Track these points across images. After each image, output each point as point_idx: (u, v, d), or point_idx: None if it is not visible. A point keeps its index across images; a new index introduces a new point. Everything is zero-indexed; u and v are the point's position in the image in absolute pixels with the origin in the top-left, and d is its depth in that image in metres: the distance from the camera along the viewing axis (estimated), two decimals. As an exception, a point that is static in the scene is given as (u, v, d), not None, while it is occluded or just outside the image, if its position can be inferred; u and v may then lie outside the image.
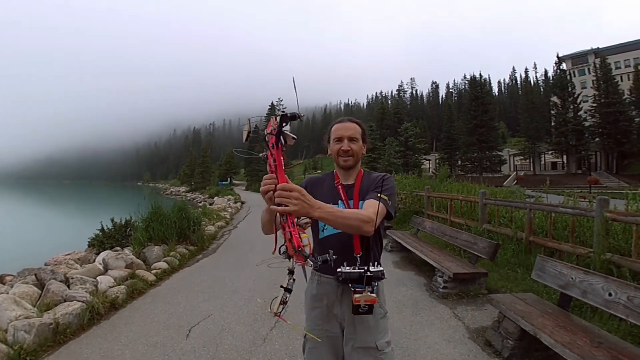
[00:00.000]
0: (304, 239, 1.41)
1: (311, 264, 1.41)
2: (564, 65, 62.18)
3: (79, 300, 4.96)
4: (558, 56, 60.39)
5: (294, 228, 1.40)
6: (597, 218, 5.39)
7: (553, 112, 54.97)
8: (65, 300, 4.97)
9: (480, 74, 70.12)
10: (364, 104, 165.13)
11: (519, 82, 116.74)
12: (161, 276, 7.22)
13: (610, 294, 3.22)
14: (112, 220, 10.34)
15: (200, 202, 33.83)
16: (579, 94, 52.82)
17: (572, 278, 3.69)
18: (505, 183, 40.33)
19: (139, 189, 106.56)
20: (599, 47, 61.54)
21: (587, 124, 50.88)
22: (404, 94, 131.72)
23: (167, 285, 6.84)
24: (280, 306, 1.59)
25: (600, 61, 51.65)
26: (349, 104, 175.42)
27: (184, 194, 62.70)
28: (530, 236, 7.08)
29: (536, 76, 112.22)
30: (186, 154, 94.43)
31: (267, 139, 1.46)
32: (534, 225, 7.22)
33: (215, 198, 35.87)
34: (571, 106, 51.60)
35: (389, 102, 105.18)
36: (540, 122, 57.70)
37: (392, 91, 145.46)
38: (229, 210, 21.28)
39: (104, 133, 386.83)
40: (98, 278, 6.07)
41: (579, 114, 51.14)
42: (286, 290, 1.58)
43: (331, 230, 1.99)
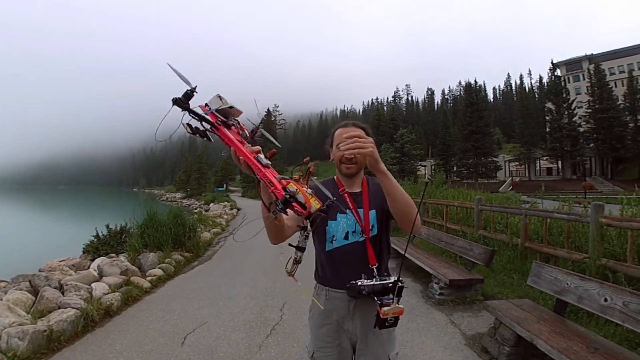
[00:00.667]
0: (291, 187, 1.22)
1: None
2: (559, 72, 62.60)
3: (73, 307, 4.93)
4: (552, 62, 60.93)
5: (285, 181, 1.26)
6: (592, 223, 5.41)
7: (548, 118, 55.20)
8: (59, 307, 4.94)
9: (475, 81, 70.75)
10: (359, 109, 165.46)
11: (514, 89, 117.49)
12: (156, 283, 7.19)
13: (605, 300, 3.22)
14: (107, 226, 10.31)
15: (196, 209, 33.73)
16: (574, 100, 53.21)
17: (568, 284, 3.69)
18: (500, 189, 40.42)
19: (134, 194, 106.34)
20: (592, 54, 61.98)
21: (582, 130, 51.18)
22: (400, 100, 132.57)
23: (162, 292, 6.81)
24: (295, 265, 1.57)
25: (594, 67, 52.01)
26: (344, 109, 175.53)
27: (179, 200, 62.52)
28: (525, 242, 7.10)
29: (531, 82, 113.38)
30: (182, 160, 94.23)
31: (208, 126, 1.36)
32: (530, 231, 7.24)
33: (211, 204, 35.75)
34: (566, 112, 51.89)
35: (385, 108, 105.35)
36: (535, 128, 58.00)
37: (388, 97, 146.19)
38: (225, 216, 21.23)
39: (99, 138, 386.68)
40: (92, 285, 6.03)
41: (574, 119, 51.43)
42: (298, 248, 1.54)
43: (341, 241, 1.91)
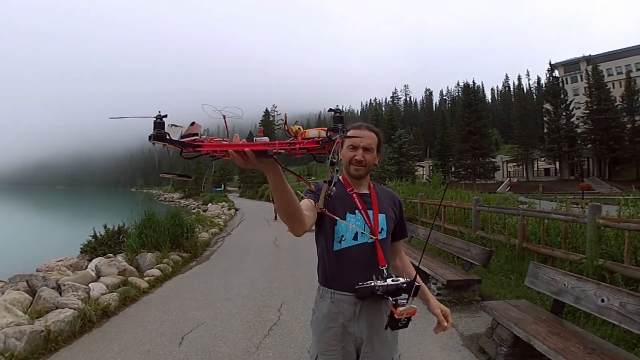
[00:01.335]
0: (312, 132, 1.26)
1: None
2: (557, 73, 62.78)
3: (70, 308, 4.92)
4: (550, 63, 61.01)
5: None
6: (590, 224, 5.42)
7: (546, 119, 55.38)
8: (56, 307, 4.92)
9: (473, 81, 70.99)
10: (358, 110, 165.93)
11: (512, 89, 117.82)
12: (154, 283, 7.17)
13: (602, 300, 3.23)
14: (105, 226, 10.29)
15: (194, 209, 33.72)
16: (571, 101, 53.39)
17: (565, 284, 3.70)
18: (498, 189, 40.48)
19: (132, 195, 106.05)
20: (590, 55, 62.14)
21: (580, 131, 51.36)
22: (398, 100, 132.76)
23: (160, 292, 6.80)
24: (327, 200, 1.54)
25: (592, 68, 52.22)
26: (343, 110, 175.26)
27: (177, 200, 62.43)
28: (523, 243, 7.10)
29: (529, 83, 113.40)
30: (180, 160, 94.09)
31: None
32: (527, 232, 7.25)
33: (209, 205, 35.73)
34: (564, 113, 52.08)
35: (383, 109, 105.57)
36: (533, 129, 58.16)
37: (386, 98, 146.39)
38: (223, 217, 21.20)
39: (96, 138, 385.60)
40: (90, 285, 6.01)
41: (572, 120, 51.62)
42: (330, 183, 1.49)
43: (350, 242, 1.88)
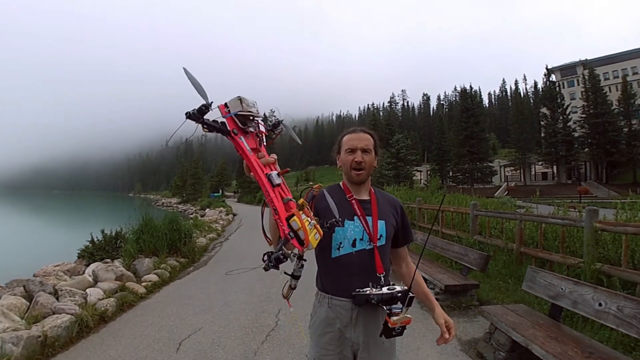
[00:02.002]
0: (294, 223, 1.23)
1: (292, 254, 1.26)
2: (553, 77, 62.88)
3: (67, 313, 4.90)
4: (547, 68, 61.07)
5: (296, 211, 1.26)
6: (587, 228, 5.43)
7: (543, 123, 55.50)
8: (53, 313, 4.91)
9: (470, 86, 70.91)
10: (355, 115, 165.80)
11: (509, 94, 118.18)
12: (151, 289, 7.15)
13: (600, 304, 3.24)
14: (102, 231, 10.25)
15: (192, 214, 33.66)
16: (568, 105, 53.53)
17: (562, 289, 3.71)
18: (496, 194, 40.58)
19: (130, 199, 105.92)
20: (587, 59, 62.36)
21: (577, 135, 51.46)
22: (396, 105, 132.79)
23: (158, 297, 6.78)
24: (290, 291, 1.57)
25: (588, 72, 52.42)
26: (340, 115, 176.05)
27: (175, 205, 62.35)
28: (521, 247, 7.11)
29: (526, 88, 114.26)
30: (178, 165, 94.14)
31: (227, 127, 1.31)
32: (525, 236, 7.26)
33: (207, 210, 35.67)
34: (560, 117, 52.25)
35: (381, 114, 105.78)
36: (530, 133, 58.26)
37: (384, 102, 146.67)
38: (221, 222, 21.17)
39: (94, 143, 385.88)
40: (87, 290, 6.00)
41: (569, 124, 51.76)
42: (293, 277, 1.52)
43: (348, 248, 1.89)
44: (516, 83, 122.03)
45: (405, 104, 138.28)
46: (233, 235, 16.03)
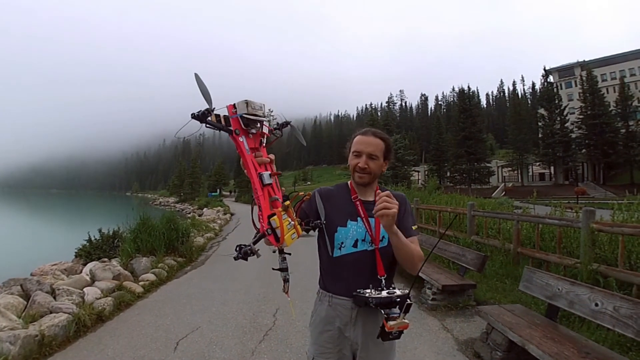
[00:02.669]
0: (273, 222, 1.38)
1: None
2: (551, 78, 63.05)
3: (65, 312, 4.90)
4: (545, 69, 61.22)
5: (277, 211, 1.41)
6: (584, 229, 5.45)
7: (540, 124, 55.62)
8: (51, 312, 4.90)
9: (468, 87, 71.21)
10: (354, 115, 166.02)
11: (506, 95, 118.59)
12: (149, 288, 7.14)
13: (596, 304, 3.25)
14: (100, 230, 10.25)
15: (189, 213, 33.64)
16: (566, 106, 53.71)
17: (559, 289, 3.72)
18: (493, 194, 40.59)
19: (127, 199, 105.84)
20: (584, 60, 62.57)
21: (574, 136, 51.61)
22: (394, 105, 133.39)
23: (155, 297, 6.77)
24: (286, 284, 1.60)
25: (586, 74, 52.57)
26: (339, 115, 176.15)
27: (173, 204, 62.28)
28: (518, 247, 7.13)
29: (524, 89, 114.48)
30: (175, 164, 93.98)
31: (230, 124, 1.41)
32: (522, 237, 7.28)
33: (205, 209, 35.65)
34: (558, 118, 52.36)
35: (379, 114, 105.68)
36: (528, 134, 58.37)
37: (382, 103, 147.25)
38: (218, 221, 21.16)
39: (91, 142, 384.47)
40: (85, 289, 5.99)
41: (566, 125, 51.87)
42: (281, 270, 1.56)
43: (349, 249, 1.88)
44: (514, 84, 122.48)
45: (403, 104, 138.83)
46: (230, 235, 16.01)
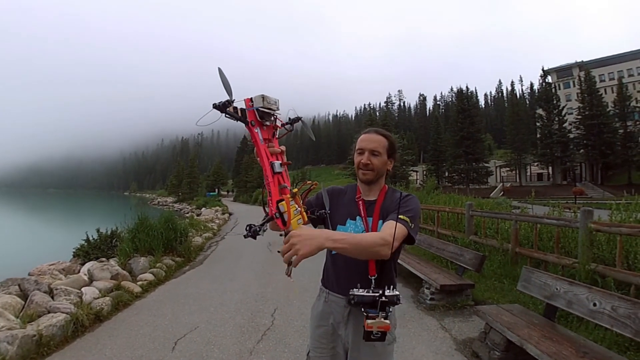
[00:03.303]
0: (281, 206, 1.48)
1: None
2: (549, 78, 63.19)
3: (63, 312, 4.89)
4: (543, 69, 61.40)
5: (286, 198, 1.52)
6: (582, 229, 5.46)
7: (538, 124, 55.77)
8: (49, 312, 4.89)
9: (467, 87, 71.35)
10: (352, 115, 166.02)
11: (505, 95, 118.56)
12: (147, 288, 7.14)
13: (594, 304, 3.25)
14: (98, 230, 10.23)
15: (188, 213, 33.63)
16: (564, 107, 53.87)
17: (557, 289, 3.72)
18: (491, 194, 40.64)
19: (125, 198, 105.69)
20: (583, 61, 62.70)
21: (572, 136, 51.74)
22: (392, 105, 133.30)
23: (153, 297, 6.77)
24: (289, 267, 1.51)
25: (584, 74, 52.68)
26: (337, 115, 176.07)
27: (171, 204, 62.22)
28: (516, 247, 7.14)
29: (522, 89, 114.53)
30: (174, 164, 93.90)
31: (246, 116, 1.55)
32: (520, 237, 7.28)
33: (203, 209, 35.63)
34: (556, 118, 52.48)
35: (377, 114, 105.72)
36: (526, 134, 58.50)
37: (380, 103, 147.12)
38: (217, 221, 21.15)
39: (89, 142, 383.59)
40: (83, 289, 5.98)
41: (564, 126, 51.99)
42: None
43: None
44: (512, 84, 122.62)
45: (402, 104, 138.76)
46: (229, 235, 16.00)
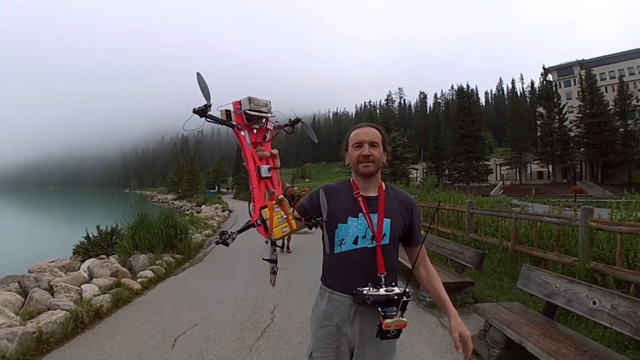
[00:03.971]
0: (264, 213, 1.45)
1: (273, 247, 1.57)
2: (550, 77, 63.06)
3: (62, 309, 4.89)
4: (544, 68, 61.22)
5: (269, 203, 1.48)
6: (582, 227, 5.46)
7: (539, 123, 55.72)
8: (49, 309, 4.90)
9: (467, 85, 70.88)
10: (352, 113, 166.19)
11: (505, 93, 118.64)
12: (147, 285, 7.14)
13: (594, 303, 3.25)
14: (98, 227, 10.22)
15: (188, 210, 33.62)
16: (565, 105, 53.78)
17: (557, 287, 3.72)
18: (491, 192, 40.64)
19: (125, 196, 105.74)
20: (584, 59, 62.62)
21: (573, 134, 51.70)
22: (393, 103, 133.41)
23: (153, 294, 6.77)
24: (272, 276, 1.60)
25: (585, 73, 52.64)
26: (337, 113, 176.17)
27: (171, 201, 62.22)
28: (516, 245, 7.14)
29: (522, 87, 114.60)
30: (174, 161, 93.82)
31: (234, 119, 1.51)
32: (520, 235, 7.29)
33: (203, 206, 35.63)
34: (557, 117, 52.43)
35: (378, 112, 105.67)
36: (527, 132, 58.47)
37: (381, 100, 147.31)
38: (217, 218, 21.18)
39: (89, 140, 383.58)
40: (83, 286, 5.98)
41: (565, 124, 51.96)
42: (270, 261, 1.57)
43: (349, 245, 1.86)
44: (513, 82, 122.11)
45: (402, 102, 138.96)
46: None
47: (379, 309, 1.64)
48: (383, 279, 1.78)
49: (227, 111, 1.48)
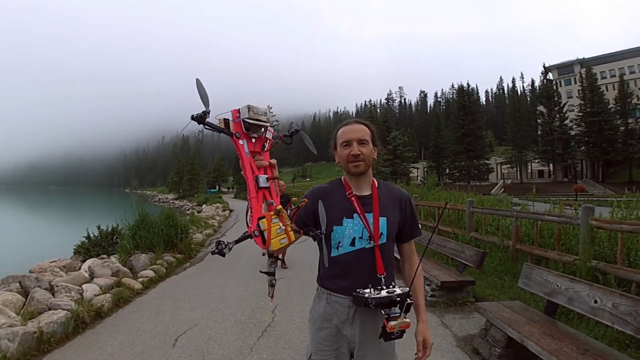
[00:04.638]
0: (262, 224, 1.40)
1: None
2: (550, 75, 63.01)
3: (63, 309, 4.89)
4: (544, 66, 61.17)
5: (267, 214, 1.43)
6: (583, 226, 5.45)
7: (539, 121, 55.75)
8: (49, 309, 4.90)
9: (468, 84, 71.11)
10: (353, 112, 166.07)
11: (506, 92, 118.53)
12: (148, 284, 7.14)
13: (595, 301, 3.24)
14: (99, 227, 10.23)
15: (188, 210, 33.63)
16: (565, 104, 53.81)
17: (558, 285, 3.71)
18: (492, 191, 40.65)
19: (126, 195, 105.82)
20: (584, 58, 62.60)
21: (573, 133, 51.72)
22: (393, 102, 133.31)
23: (154, 293, 6.77)
24: (271, 289, 1.57)
25: (585, 71, 52.62)
26: (338, 111, 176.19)
27: (171, 201, 62.25)
28: (517, 244, 7.13)
29: (523, 86, 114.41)
30: (174, 161, 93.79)
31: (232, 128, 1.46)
32: (521, 234, 7.28)
33: (204, 206, 35.62)
34: (557, 115, 52.46)
35: (378, 111, 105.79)
36: (527, 131, 58.48)
37: (381, 99, 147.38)
38: (217, 218, 21.17)
39: (90, 139, 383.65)
40: (83, 286, 5.98)
41: (565, 123, 51.98)
42: (267, 274, 1.54)
43: (347, 248, 1.82)
44: (513, 81, 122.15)
45: (403, 100, 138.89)
46: (229, 232, 16.01)
47: (382, 311, 1.62)
48: (383, 280, 1.76)
49: (226, 120, 1.45)
